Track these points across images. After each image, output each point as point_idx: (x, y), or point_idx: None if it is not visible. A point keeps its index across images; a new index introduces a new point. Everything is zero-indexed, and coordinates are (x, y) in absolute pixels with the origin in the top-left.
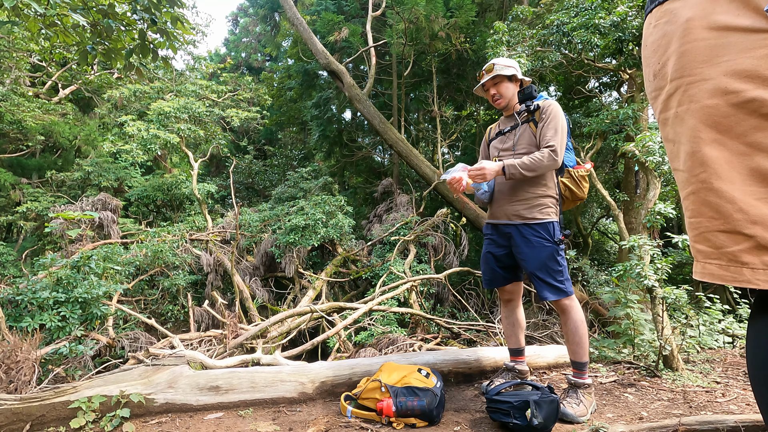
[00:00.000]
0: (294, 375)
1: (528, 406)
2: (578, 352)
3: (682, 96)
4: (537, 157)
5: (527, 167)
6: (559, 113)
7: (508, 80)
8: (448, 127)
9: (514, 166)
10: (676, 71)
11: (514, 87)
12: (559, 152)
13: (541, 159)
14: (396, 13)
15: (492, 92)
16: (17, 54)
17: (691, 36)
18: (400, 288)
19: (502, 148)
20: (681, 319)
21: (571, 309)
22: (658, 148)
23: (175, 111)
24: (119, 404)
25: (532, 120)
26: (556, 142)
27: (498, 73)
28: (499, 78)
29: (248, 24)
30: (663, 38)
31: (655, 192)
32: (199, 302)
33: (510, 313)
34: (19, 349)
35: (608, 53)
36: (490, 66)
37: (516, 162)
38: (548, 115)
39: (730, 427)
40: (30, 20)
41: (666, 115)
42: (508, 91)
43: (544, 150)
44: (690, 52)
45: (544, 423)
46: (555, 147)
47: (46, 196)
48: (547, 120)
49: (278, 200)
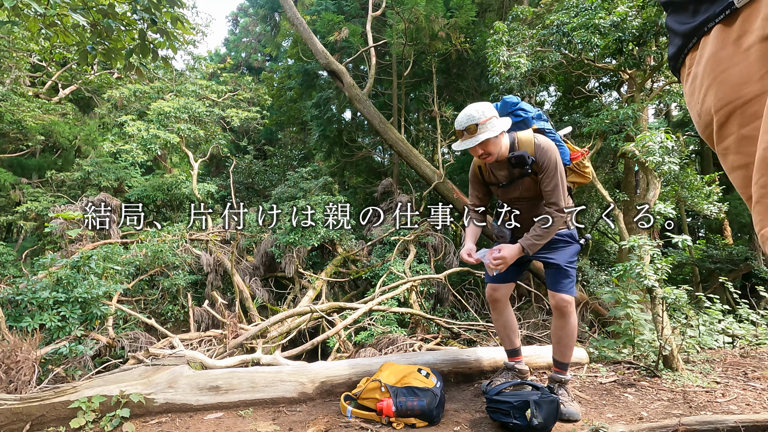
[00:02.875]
0: (294, 375)
1: (528, 406)
2: (567, 354)
3: (742, 118)
4: (547, 224)
5: (543, 236)
6: (556, 160)
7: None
8: (448, 127)
9: (532, 244)
10: (719, 101)
11: (501, 137)
12: (563, 205)
13: (551, 224)
14: (396, 13)
15: (479, 152)
16: (17, 54)
17: (722, 66)
18: (400, 288)
19: (513, 197)
20: (681, 319)
21: (571, 313)
22: (658, 148)
23: (175, 111)
24: (119, 404)
25: (532, 173)
26: (557, 198)
27: (485, 138)
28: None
29: (248, 24)
30: (695, 80)
31: (655, 192)
32: (199, 302)
33: (499, 315)
34: (19, 349)
35: (608, 53)
36: (472, 126)
37: (531, 239)
38: (546, 167)
39: (730, 427)
40: (30, 20)
41: (725, 144)
42: (496, 147)
43: (551, 212)
44: (728, 79)
45: (544, 423)
46: (559, 204)
47: (46, 196)
48: (546, 172)
49: (278, 200)
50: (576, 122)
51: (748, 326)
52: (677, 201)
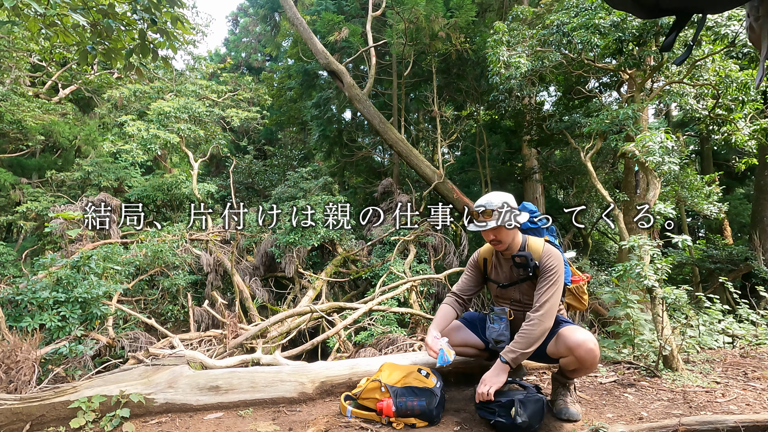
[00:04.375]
0: (294, 375)
1: (513, 404)
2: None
3: None
4: (528, 330)
5: (527, 344)
6: (559, 269)
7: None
8: (448, 127)
9: (516, 358)
10: None
11: (516, 230)
12: (548, 315)
13: (533, 329)
14: (396, 13)
15: (491, 237)
16: (17, 54)
17: None
18: (400, 288)
19: (513, 300)
20: (681, 319)
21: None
22: (658, 148)
23: (175, 111)
24: (119, 404)
25: (533, 277)
26: (545, 308)
27: (501, 224)
28: (501, 226)
29: (248, 24)
30: None
31: (655, 192)
32: (199, 302)
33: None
34: (19, 349)
35: (608, 53)
36: (489, 211)
37: (515, 349)
38: (547, 270)
39: (730, 427)
40: (30, 20)
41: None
42: (509, 236)
43: (532, 318)
44: None
45: (529, 422)
46: (543, 312)
47: (46, 196)
48: (545, 274)
49: (278, 200)
50: (576, 122)
51: (748, 326)
52: (677, 201)
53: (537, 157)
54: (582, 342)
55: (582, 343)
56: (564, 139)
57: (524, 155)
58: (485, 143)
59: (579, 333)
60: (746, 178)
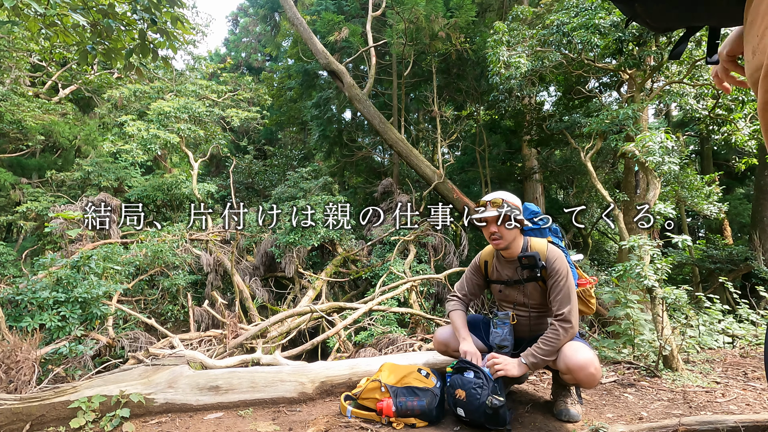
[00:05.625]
0: (294, 375)
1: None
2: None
3: None
4: (553, 338)
5: (550, 352)
6: (567, 269)
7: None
8: (448, 127)
9: (536, 362)
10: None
11: (517, 232)
12: (573, 320)
13: (558, 338)
14: (396, 13)
15: (492, 229)
16: (17, 54)
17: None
18: (400, 288)
19: (516, 303)
20: (681, 319)
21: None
22: (658, 148)
23: (175, 111)
24: (119, 404)
25: (540, 278)
26: (566, 310)
27: (507, 213)
28: (506, 218)
29: (248, 24)
30: (760, 5)
31: (655, 192)
32: (199, 302)
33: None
34: (19, 349)
35: (608, 53)
36: (499, 201)
37: (537, 354)
38: (557, 273)
39: (730, 427)
40: (30, 20)
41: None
42: (510, 235)
43: (556, 326)
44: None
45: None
46: (568, 317)
47: (46, 196)
48: (556, 278)
49: (278, 200)
50: (576, 122)
51: (748, 326)
52: (677, 201)
53: (537, 157)
54: (583, 366)
55: (584, 367)
56: (564, 139)
57: (524, 155)
58: (485, 143)
59: (581, 354)
60: (746, 178)
